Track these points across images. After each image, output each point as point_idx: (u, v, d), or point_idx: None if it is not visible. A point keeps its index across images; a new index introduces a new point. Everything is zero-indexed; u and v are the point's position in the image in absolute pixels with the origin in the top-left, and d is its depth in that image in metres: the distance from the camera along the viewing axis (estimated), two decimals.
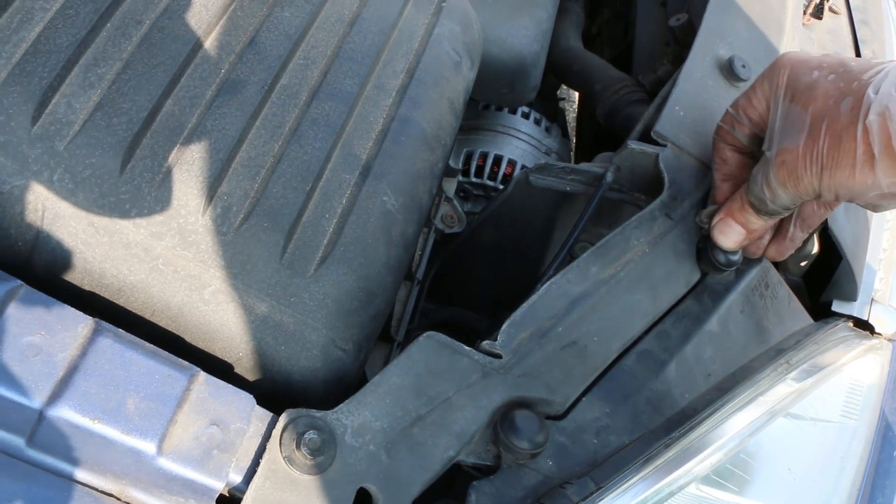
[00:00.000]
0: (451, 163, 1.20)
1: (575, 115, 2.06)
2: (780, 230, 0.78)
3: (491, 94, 1.10)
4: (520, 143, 1.24)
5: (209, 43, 0.68)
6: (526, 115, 1.28)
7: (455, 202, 0.92)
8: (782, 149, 0.66)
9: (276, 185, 0.65)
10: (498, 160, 1.20)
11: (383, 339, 0.81)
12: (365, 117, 0.71)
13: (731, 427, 0.76)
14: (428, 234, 0.88)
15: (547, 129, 1.30)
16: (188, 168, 0.64)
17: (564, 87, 1.58)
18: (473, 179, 1.20)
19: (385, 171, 0.69)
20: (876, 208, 0.67)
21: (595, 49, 1.61)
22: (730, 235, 0.76)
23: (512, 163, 1.20)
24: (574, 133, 1.72)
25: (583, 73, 1.22)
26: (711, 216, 0.77)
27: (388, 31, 0.77)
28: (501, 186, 1.19)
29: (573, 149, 1.72)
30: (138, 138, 0.63)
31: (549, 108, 1.37)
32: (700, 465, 0.72)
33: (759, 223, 0.73)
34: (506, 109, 1.27)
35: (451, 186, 0.95)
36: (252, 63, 0.69)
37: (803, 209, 0.75)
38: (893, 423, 1.03)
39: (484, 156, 1.20)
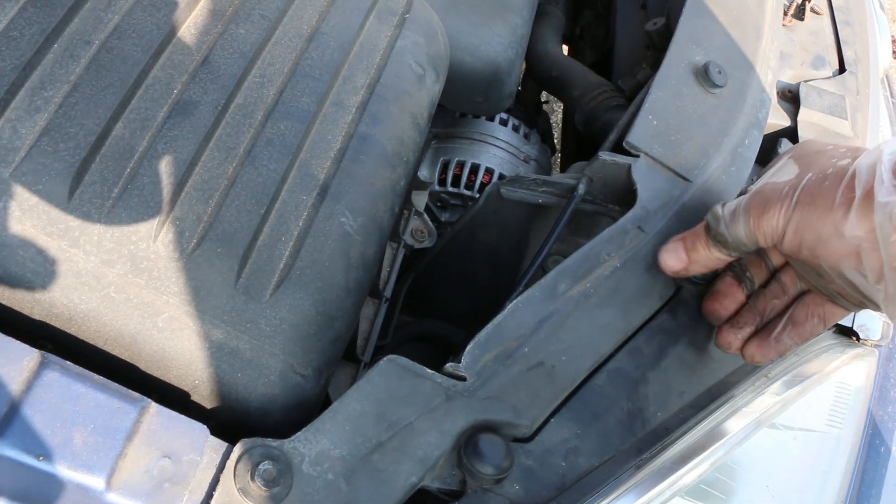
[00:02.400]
0: (426, 173, 1.20)
1: (561, 118, 2.06)
2: (765, 328, 0.75)
3: (465, 104, 1.10)
4: (497, 150, 1.23)
5: (161, 63, 0.68)
6: (504, 122, 1.27)
7: (425, 216, 0.91)
8: (764, 184, 0.66)
9: (230, 208, 0.65)
10: (475, 169, 1.20)
11: (349, 359, 0.81)
12: (323, 136, 0.71)
13: (710, 441, 0.75)
14: (397, 249, 0.88)
15: (526, 136, 1.29)
16: (139, 193, 0.64)
17: None
18: (450, 189, 1.20)
19: (343, 191, 0.69)
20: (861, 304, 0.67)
21: (578, 51, 1.61)
22: (669, 256, 0.75)
23: (489, 171, 1.20)
24: (560, 138, 1.72)
25: (561, 79, 1.22)
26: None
27: (348, 46, 0.77)
28: (479, 195, 1.18)
29: (559, 153, 1.72)
30: (87, 163, 0.63)
31: (528, 115, 1.36)
32: (674, 485, 0.71)
33: (703, 253, 0.72)
34: (483, 116, 1.27)
35: (421, 200, 0.94)
36: (205, 83, 0.69)
37: (797, 314, 0.73)
38: (880, 430, 1.03)
39: (461, 165, 1.20)
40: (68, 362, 0.58)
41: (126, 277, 0.63)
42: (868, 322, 0.97)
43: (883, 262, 0.58)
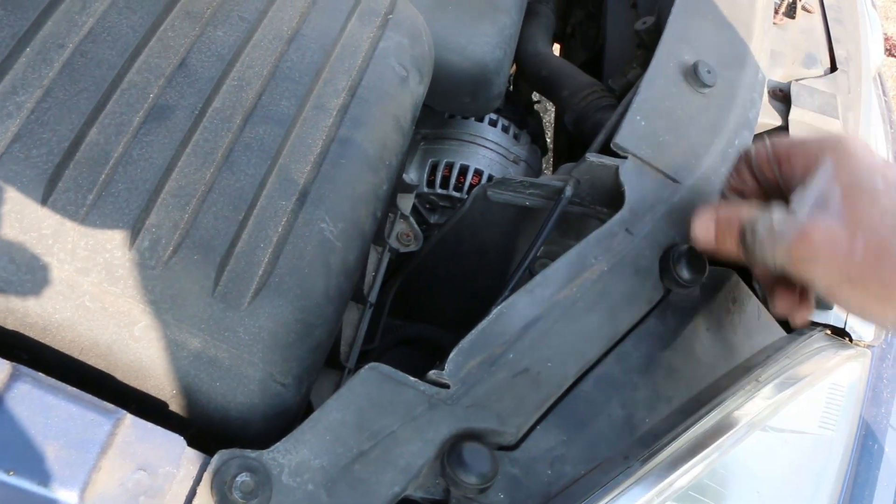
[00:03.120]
0: (415, 174, 1.19)
1: (553, 118, 2.05)
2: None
3: (453, 104, 1.09)
4: (487, 151, 1.22)
5: (136, 67, 0.67)
6: (493, 123, 1.26)
7: (411, 220, 0.90)
8: (816, 226, 0.60)
9: (207, 215, 0.64)
10: (464, 170, 1.19)
11: (333, 365, 0.80)
12: (303, 140, 0.70)
13: (699, 447, 0.74)
14: (382, 253, 0.87)
15: (516, 137, 1.28)
16: (114, 200, 0.63)
17: None
18: (439, 191, 1.19)
19: (323, 196, 0.68)
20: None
21: (569, 50, 1.60)
22: (701, 227, 0.71)
23: (478, 173, 1.19)
24: (552, 138, 1.71)
25: (551, 79, 1.21)
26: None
27: (329, 48, 0.76)
28: (468, 197, 1.17)
29: (551, 153, 1.71)
30: (60, 170, 0.62)
31: (518, 115, 1.35)
32: (663, 492, 0.70)
33: (731, 249, 0.69)
34: (472, 117, 1.26)
35: (406, 203, 0.93)
36: (182, 87, 0.67)
37: None
38: (873, 431, 1.02)
39: (449, 166, 1.19)
40: (40, 374, 0.57)
41: (101, 286, 0.62)
42: (860, 323, 0.97)
43: None
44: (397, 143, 0.77)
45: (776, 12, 1.14)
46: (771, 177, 0.68)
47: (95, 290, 0.62)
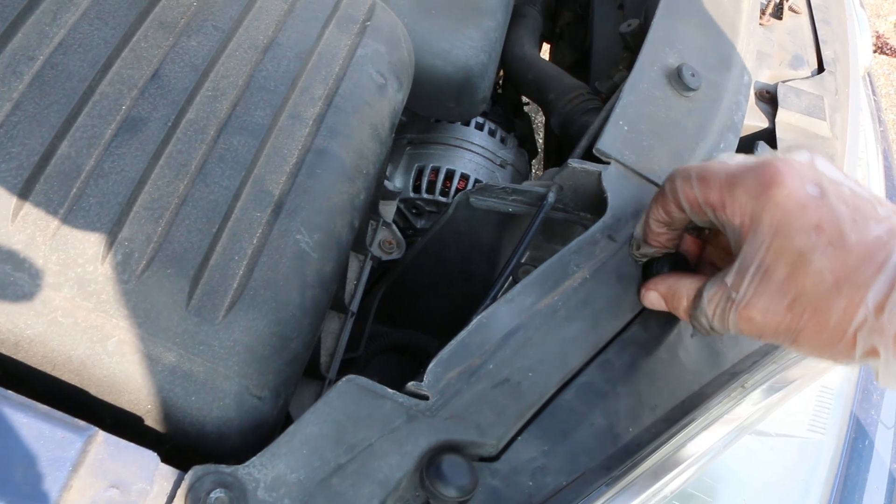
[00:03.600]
0: (401, 180, 1.18)
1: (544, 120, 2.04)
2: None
3: (437, 109, 1.08)
4: (473, 156, 1.22)
5: (108, 78, 0.67)
6: (480, 127, 1.26)
7: (394, 227, 0.90)
8: (752, 305, 0.60)
9: (181, 227, 0.64)
10: (450, 175, 1.18)
11: (314, 376, 0.79)
12: (278, 150, 0.69)
13: (683, 456, 0.74)
14: (363, 261, 0.86)
15: (503, 140, 1.28)
16: (85, 214, 0.62)
17: None
18: (425, 196, 1.18)
19: (299, 207, 0.68)
20: None
21: (558, 51, 1.60)
22: (657, 307, 0.74)
23: (465, 177, 1.19)
24: (543, 139, 1.70)
25: (537, 82, 1.21)
26: (646, 252, 0.75)
27: (305, 56, 0.75)
28: None
29: (541, 153, 1.71)
30: (30, 184, 0.61)
31: (505, 118, 1.35)
32: (646, 503, 0.70)
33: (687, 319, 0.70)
34: (459, 122, 1.25)
35: (389, 211, 0.93)
36: (155, 98, 0.67)
37: None
38: (863, 434, 1.02)
39: (435, 171, 1.19)
40: (9, 391, 0.56)
41: (73, 301, 0.62)
42: None
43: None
44: (375, 152, 0.76)
45: (763, 13, 1.13)
46: (704, 219, 0.66)
47: (68, 305, 0.62)
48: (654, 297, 0.72)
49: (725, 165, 0.64)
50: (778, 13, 1.14)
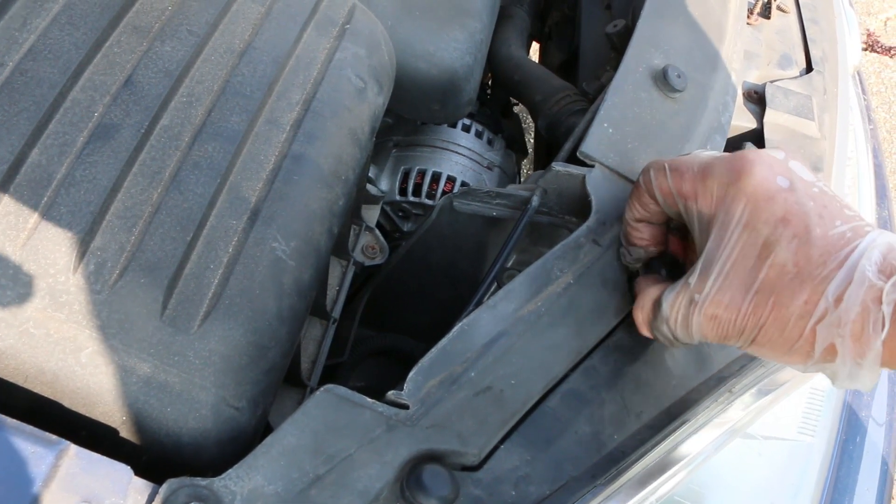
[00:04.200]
0: (387, 182, 1.17)
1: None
2: None
3: (422, 112, 1.08)
4: (460, 158, 1.21)
5: (80, 85, 0.66)
6: (467, 129, 1.25)
7: (377, 232, 0.89)
8: (716, 302, 0.60)
9: (154, 236, 0.63)
10: (436, 178, 1.18)
11: (295, 384, 0.78)
12: (254, 157, 0.68)
13: (669, 463, 0.73)
14: (346, 267, 0.85)
15: (490, 142, 1.27)
16: (56, 223, 0.61)
17: None
18: (412, 198, 1.17)
19: (275, 214, 0.67)
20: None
21: (547, 50, 1.59)
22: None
23: (451, 179, 1.18)
24: (533, 140, 1.70)
25: (524, 84, 1.20)
26: (637, 256, 0.75)
27: (282, 60, 0.75)
28: None
29: (531, 153, 1.70)
30: (0, 193, 0.60)
31: (493, 120, 1.34)
32: None
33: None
34: (445, 124, 1.25)
35: (372, 215, 0.92)
36: (128, 104, 0.66)
37: None
38: (853, 435, 1.01)
39: (421, 173, 1.18)
40: None
41: (45, 312, 0.61)
42: None
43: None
44: (354, 157, 0.75)
45: (751, 13, 1.13)
46: (675, 210, 0.67)
47: (39, 316, 0.61)
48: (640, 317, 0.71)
49: (699, 157, 0.65)
50: (766, 12, 1.13)
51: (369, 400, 0.64)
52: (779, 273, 0.58)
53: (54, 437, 0.57)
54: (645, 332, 0.70)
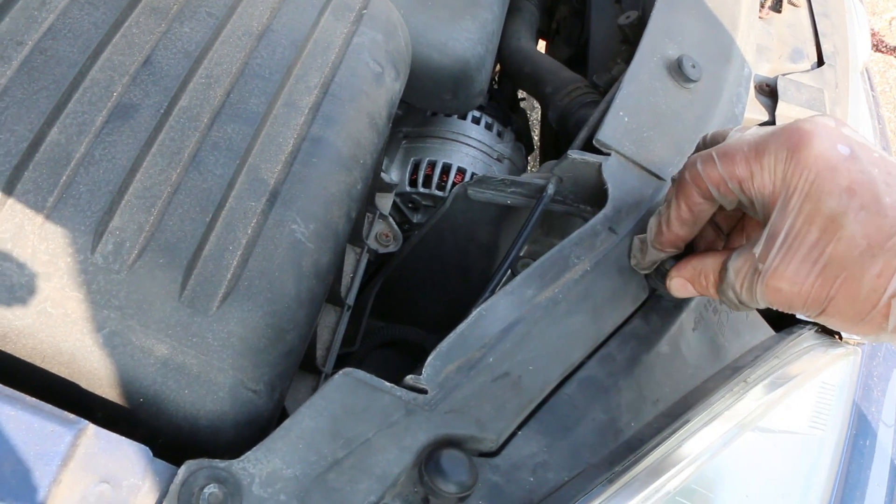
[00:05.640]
0: (397, 173, 1.17)
1: (540, 116, 2.03)
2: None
3: (433, 102, 1.07)
4: (470, 149, 1.21)
5: (99, 65, 0.65)
6: (476, 121, 1.25)
7: (390, 220, 0.88)
8: (781, 271, 0.58)
9: (174, 216, 0.62)
10: (447, 169, 1.17)
11: (310, 370, 0.78)
12: (273, 139, 0.68)
13: (686, 452, 0.73)
14: (360, 254, 0.85)
15: (499, 134, 1.27)
16: (75, 202, 0.61)
17: None
18: (422, 190, 1.17)
19: (294, 196, 0.66)
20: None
21: (554, 47, 1.59)
22: (687, 294, 0.70)
23: (462, 171, 1.18)
24: (539, 136, 1.69)
25: (534, 76, 1.20)
26: (653, 260, 0.72)
27: (300, 44, 0.74)
28: None
29: (537, 149, 1.69)
30: (19, 172, 0.60)
31: (502, 112, 1.33)
32: (648, 499, 0.68)
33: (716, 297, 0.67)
34: (455, 115, 1.24)
35: (386, 203, 0.91)
36: (147, 85, 0.66)
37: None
38: (864, 430, 1.01)
39: (432, 165, 1.18)
40: None
41: (63, 291, 0.60)
42: None
43: None
44: (372, 142, 0.75)
45: (762, 6, 1.12)
46: (733, 198, 0.63)
47: (57, 296, 0.60)
48: (678, 284, 0.69)
49: (745, 138, 0.62)
50: (777, 6, 1.13)
51: (388, 384, 0.64)
52: (848, 247, 0.55)
53: (73, 416, 0.56)
54: (713, 296, 0.66)
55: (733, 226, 0.72)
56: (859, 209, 0.55)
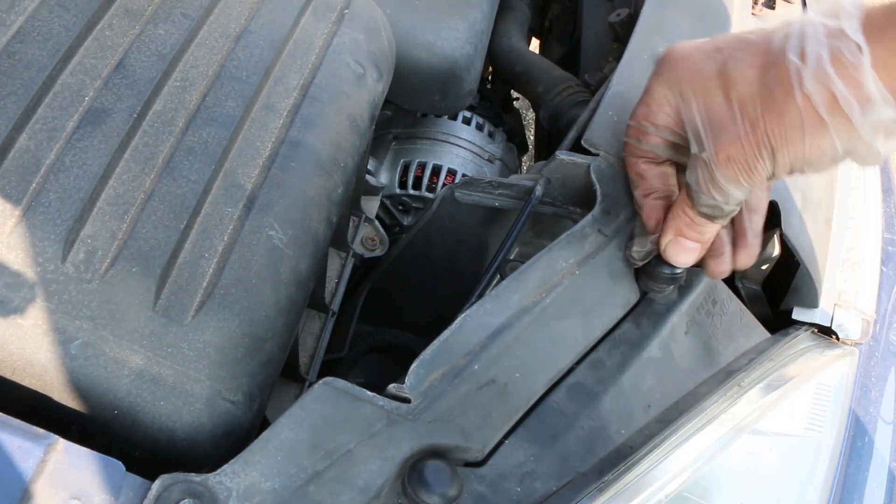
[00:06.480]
0: (387, 176, 1.15)
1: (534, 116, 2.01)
2: (736, 236, 0.74)
3: (422, 102, 1.05)
4: (460, 150, 1.19)
5: (70, 68, 0.64)
6: (467, 121, 1.23)
7: (376, 223, 0.87)
8: (720, 144, 0.62)
9: (147, 224, 0.61)
10: (437, 170, 1.16)
11: (293, 378, 0.76)
12: (250, 143, 0.66)
13: (678, 459, 0.71)
14: (345, 259, 0.83)
15: (491, 135, 1.25)
16: (45, 210, 0.59)
17: None
18: (412, 192, 1.15)
19: (272, 201, 0.65)
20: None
21: (547, 46, 1.57)
22: (688, 253, 0.71)
23: (452, 172, 1.16)
24: (533, 135, 1.68)
25: (525, 75, 1.18)
26: (644, 250, 0.73)
27: (279, 45, 0.72)
28: None
29: (533, 149, 1.68)
30: None
31: (493, 113, 1.32)
32: None
33: (714, 229, 0.69)
34: (445, 116, 1.22)
35: (372, 206, 0.90)
36: (119, 88, 0.64)
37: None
38: (862, 431, 0.99)
39: (422, 166, 1.16)
40: None
41: (33, 302, 0.59)
42: (847, 321, 0.94)
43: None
44: (353, 144, 0.73)
45: (755, 3, 1.11)
46: (659, 141, 0.70)
47: (27, 307, 0.59)
48: (672, 246, 0.71)
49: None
50: (770, 3, 1.11)
51: (369, 393, 0.62)
52: (744, 83, 0.60)
53: (42, 430, 0.54)
54: (697, 220, 0.69)
55: None
56: (732, 53, 0.62)
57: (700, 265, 0.76)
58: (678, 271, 0.74)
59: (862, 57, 0.54)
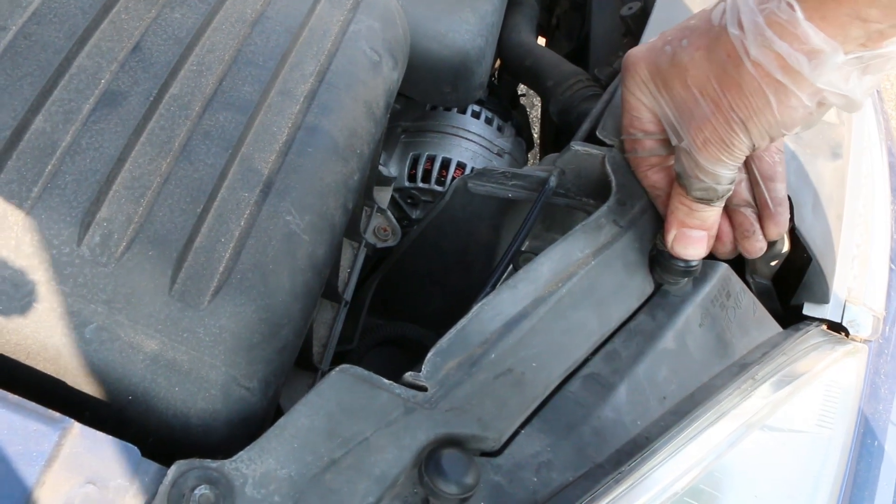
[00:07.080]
0: (396, 169, 1.14)
1: (540, 112, 2.01)
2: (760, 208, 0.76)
3: (433, 95, 1.05)
4: (470, 144, 1.18)
5: (86, 50, 0.63)
6: (476, 115, 1.23)
7: (388, 213, 0.86)
8: (694, 130, 0.65)
9: (163, 207, 0.60)
10: (446, 163, 1.15)
11: (307, 367, 0.75)
12: (267, 128, 0.65)
13: (694, 451, 0.70)
14: (358, 249, 0.82)
15: (499, 129, 1.24)
16: (61, 192, 0.58)
17: None
18: (421, 185, 1.14)
19: (289, 187, 0.64)
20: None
21: (554, 41, 1.56)
22: (695, 244, 0.72)
23: (461, 166, 1.16)
24: (539, 132, 1.67)
25: (535, 69, 1.17)
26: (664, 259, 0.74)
27: (296, 31, 0.72)
28: None
29: (537, 144, 1.67)
30: (1, 161, 0.58)
31: (502, 107, 1.31)
32: (655, 500, 0.66)
33: (714, 213, 0.71)
34: (454, 109, 1.22)
35: (384, 197, 0.89)
36: (136, 71, 0.63)
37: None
38: (872, 428, 0.99)
39: (431, 159, 1.15)
40: None
41: (49, 285, 0.58)
42: (858, 318, 0.93)
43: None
44: (369, 131, 0.73)
45: None
46: (654, 143, 0.74)
47: (42, 290, 0.58)
48: (678, 239, 0.72)
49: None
50: None
51: (386, 381, 0.62)
52: (696, 67, 0.63)
53: (58, 414, 0.54)
54: (694, 207, 0.70)
55: None
56: (679, 41, 0.65)
57: (712, 256, 0.76)
58: (693, 264, 0.73)
59: (795, 13, 0.56)
